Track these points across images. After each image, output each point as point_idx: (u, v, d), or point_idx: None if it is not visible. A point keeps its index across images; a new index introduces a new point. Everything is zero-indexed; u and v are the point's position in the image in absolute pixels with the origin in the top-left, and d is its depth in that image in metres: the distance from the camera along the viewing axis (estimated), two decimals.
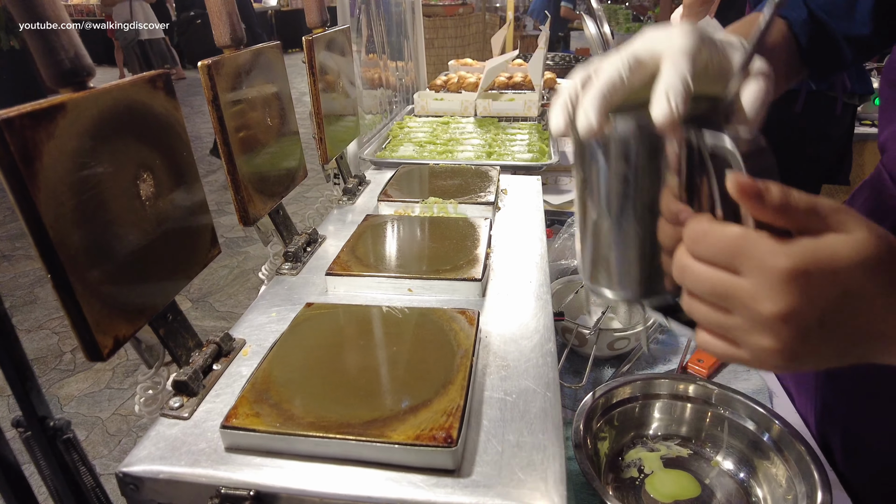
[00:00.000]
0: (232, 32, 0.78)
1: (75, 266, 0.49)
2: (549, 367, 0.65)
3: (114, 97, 0.55)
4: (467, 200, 1.06)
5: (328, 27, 1.06)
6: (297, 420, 0.54)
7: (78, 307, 0.50)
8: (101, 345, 0.52)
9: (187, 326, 0.65)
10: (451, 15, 5.25)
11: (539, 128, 1.67)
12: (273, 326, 0.74)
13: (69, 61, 0.50)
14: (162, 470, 0.53)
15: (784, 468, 0.72)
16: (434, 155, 1.44)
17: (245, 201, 0.78)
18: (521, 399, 0.60)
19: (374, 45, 1.82)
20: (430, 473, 0.51)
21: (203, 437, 0.56)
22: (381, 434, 0.52)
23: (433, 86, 2.22)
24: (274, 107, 0.87)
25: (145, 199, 0.59)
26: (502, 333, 0.71)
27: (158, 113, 0.61)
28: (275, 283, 0.85)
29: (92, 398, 2.55)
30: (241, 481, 0.51)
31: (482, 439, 0.55)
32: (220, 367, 0.66)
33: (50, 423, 0.48)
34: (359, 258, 0.85)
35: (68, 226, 0.49)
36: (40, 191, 0.46)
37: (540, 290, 0.81)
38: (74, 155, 0.50)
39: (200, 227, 0.68)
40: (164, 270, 0.61)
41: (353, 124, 1.22)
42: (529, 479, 0.51)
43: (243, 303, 3.29)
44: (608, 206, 0.48)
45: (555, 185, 1.55)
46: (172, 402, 0.60)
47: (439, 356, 0.62)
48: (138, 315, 0.57)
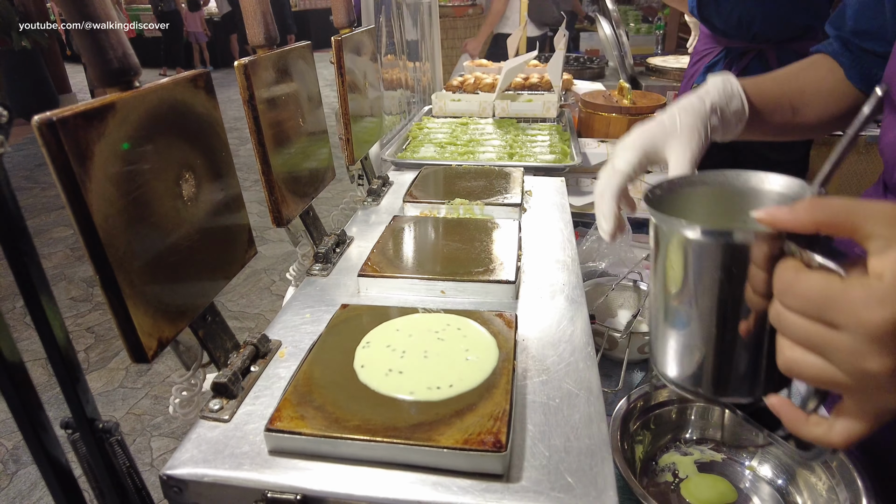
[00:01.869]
0: (266, 32, 0.77)
1: (123, 267, 0.49)
2: (589, 370, 0.65)
3: (159, 97, 0.54)
4: (493, 202, 1.05)
5: (354, 27, 1.06)
6: (343, 423, 0.53)
7: (125, 308, 0.49)
8: (147, 346, 0.52)
9: (225, 328, 0.65)
10: (460, 16, 5.25)
11: (559, 129, 1.67)
12: (308, 328, 0.73)
13: (117, 60, 0.50)
14: (207, 473, 0.52)
15: (825, 476, 0.71)
16: (455, 156, 1.44)
17: (279, 202, 0.77)
18: (565, 403, 0.60)
19: (393, 45, 1.81)
20: (478, 478, 0.51)
21: (245, 439, 0.56)
22: (429, 438, 0.51)
23: (449, 87, 2.22)
24: (305, 107, 0.87)
25: (187, 200, 0.58)
26: (539, 337, 0.71)
27: (199, 112, 0.61)
28: (306, 284, 0.85)
29: (106, 397, 2.56)
30: (287, 485, 0.51)
31: (528, 444, 0.55)
32: (257, 369, 0.65)
33: (99, 424, 0.47)
34: (389, 259, 0.85)
35: (116, 226, 0.48)
36: (91, 191, 0.46)
37: (574, 292, 0.81)
38: (123, 154, 0.49)
39: (238, 227, 0.67)
40: (204, 271, 0.61)
41: (377, 125, 1.22)
42: (579, 484, 0.50)
43: (255, 303, 3.29)
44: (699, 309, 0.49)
45: (576, 187, 1.54)
46: (212, 405, 0.60)
47: (481, 359, 0.61)
48: (180, 316, 0.57)
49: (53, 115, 0.42)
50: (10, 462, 2.20)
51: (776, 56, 1.80)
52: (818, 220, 0.39)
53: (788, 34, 1.78)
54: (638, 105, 1.78)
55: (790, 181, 0.53)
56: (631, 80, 2.82)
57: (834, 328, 0.37)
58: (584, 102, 1.89)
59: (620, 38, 2.62)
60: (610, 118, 1.79)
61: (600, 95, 1.95)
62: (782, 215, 0.40)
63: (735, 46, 1.85)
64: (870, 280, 0.36)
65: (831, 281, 0.38)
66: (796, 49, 1.82)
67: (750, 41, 1.82)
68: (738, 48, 1.85)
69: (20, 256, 0.41)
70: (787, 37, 1.79)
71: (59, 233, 4.19)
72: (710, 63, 1.91)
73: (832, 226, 0.39)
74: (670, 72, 2.79)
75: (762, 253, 0.43)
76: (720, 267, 0.47)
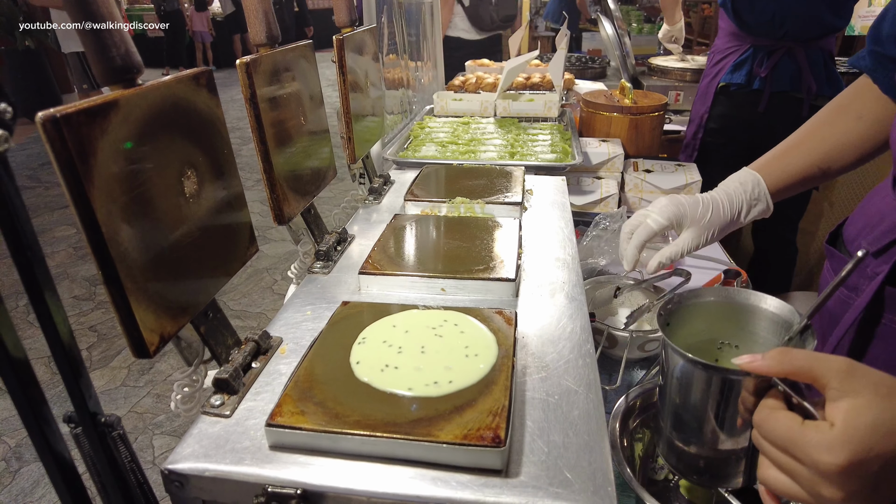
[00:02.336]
0: (267, 31, 0.78)
1: (125, 263, 0.49)
2: (589, 368, 0.65)
3: (161, 94, 0.55)
4: (494, 200, 1.06)
5: (356, 27, 1.06)
6: (343, 418, 0.54)
7: (127, 304, 0.50)
8: (148, 342, 0.52)
9: (227, 324, 0.65)
10: None
11: (560, 128, 1.67)
12: (309, 325, 0.74)
13: (120, 58, 0.50)
14: (208, 468, 0.53)
15: None
16: (457, 155, 1.44)
17: (280, 200, 0.78)
18: (564, 400, 0.60)
19: (394, 45, 1.82)
20: (477, 473, 0.51)
21: (246, 434, 0.56)
22: (428, 433, 0.52)
23: (451, 86, 2.22)
24: (306, 105, 0.88)
25: (189, 197, 0.59)
26: (539, 334, 0.71)
27: (201, 110, 0.61)
28: (307, 281, 0.85)
29: (108, 395, 2.56)
30: (287, 480, 0.51)
31: (527, 440, 0.55)
32: (258, 366, 0.66)
33: (101, 419, 0.48)
34: (390, 257, 0.85)
35: (119, 223, 0.49)
36: (94, 187, 0.46)
37: (573, 290, 0.81)
38: (125, 151, 0.50)
39: (240, 224, 0.68)
40: (206, 268, 0.61)
41: (378, 124, 1.22)
42: (578, 479, 0.51)
43: (257, 302, 3.30)
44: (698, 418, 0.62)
45: (577, 186, 1.54)
46: (213, 400, 0.60)
47: (480, 355, 0.62)
48: (182, 313, 0.58)
49: (57, 111, 0.43)
50: (13, 460, 2.21)
51: (805, 54, 1.80)
52: (786, 370, 0.49)
53: (816, 33, 1.79)
54: (639, 105, 1.78)
55: (783, 306, 0.67)
56: (632, 79, 2.82)
57: (797, 461, 0.47)
58: (586, 102, 1.89)
59: (622, 38, 2.62)
60: (611, 118, 1.80)
61: (601, 95, 1.95)
62: (757, 364, 0.51)
63: (762, 44, 1.85)
64: (824, 426, 0.46)
65: (794, 423, 0.47)
66: (822, 46, 1.81)
67: (778, 39, 1.82)
68: (765, 46, 1.84)
69: (24, 251, 0.42)
70: (815, 35, 1.79)
71: (61, 232, 4.21)
72: (738, 61, 1.89)
73: (797, 375, 0.49)
74: (672, 72, 2.79)
75: (749, 385, 0.55)
76: (716, 392, 0.60)
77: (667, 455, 0.69)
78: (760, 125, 1.92)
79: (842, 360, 0.48)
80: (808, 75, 1.81)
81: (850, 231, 0.86)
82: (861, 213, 0.85)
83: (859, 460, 0.44)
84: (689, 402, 0.63)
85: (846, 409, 0.45)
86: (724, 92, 1.95)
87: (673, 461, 0.68)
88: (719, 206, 0.93)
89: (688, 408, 0.64)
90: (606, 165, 1.62)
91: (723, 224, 0.93)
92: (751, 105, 1.91)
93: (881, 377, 0.47)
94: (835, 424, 0.45)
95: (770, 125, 1.90)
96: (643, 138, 1.81)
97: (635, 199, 1.62)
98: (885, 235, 0.76)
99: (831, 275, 0.87)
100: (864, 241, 0.80)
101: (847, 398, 0.46)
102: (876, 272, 0.76)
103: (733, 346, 0.72)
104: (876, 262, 0.77)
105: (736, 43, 1.92)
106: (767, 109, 1.89)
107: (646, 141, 1.82)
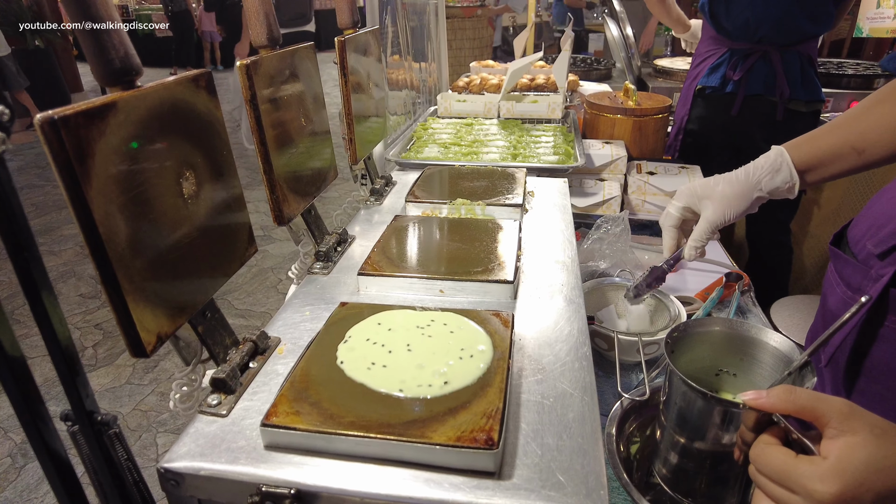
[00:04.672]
0: (269, 32, 0.78)
1: (123, 263, 0.50)
2: (585, 371, 0.65)
3: (160, 96, 0.55)
4: (495, 202, 1.06)
5: (358, 28, 1.07)
6: (337, 419, 0.54)
7: (124, 304, 0.50)
8: (146, 341, 0.53)
9: (225, 324, 0.66)
10: (469, 17, 5.25)
11: (563, 130, 1.67)
12: (307, 325, 0.74)
13: (119, 60, 0.51)
14: (203, 467, 0.53)
15: None
16: (459, 156, 1.44)
17: (280, 201, 0.78)
18: (559, 403, 0.60)
19: (398, 46, 1.82)
20: (470, 475, 0.51)
21: (242, 434, 0.57)
22: (422, 435, 0.52)
23: (455, 87, 2.22)
24: (307, 106, 0.88)
25: (187, 198, 0.59)
26: (536, 337, 0.71)
27: (200, 112, 0.62)
28: (307, 282, 0.85)
29: (113, 393, 2.58)
30: (281, 480, 0.52)
31: (521, 442, 0.55)
32: (256, 365, 0.66)
33: (97, 417, 0.48)
34: (390, 258, 0.85)
35: (117, 223, 0.49)
36: (92, 188, 0.47)
37: (572, 293, 0.81)
38: (124, 153, 0.50)
39: (238, 224, 0.68)
40: (204, 268, 0.62)
41: (381, 125, 1.23)
42: (570, 482, 0.51)
43: (261, 301, 3.31)
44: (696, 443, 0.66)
45: (580, 188, 1.54)
46: (210, 400, 0.61)
47: (476, 357, 0.62)
48: (180, 312, 0.58)
49: (55, 113, 0.43)
50: (18, 456, 2.23)
51: (780, 58, 1.80)
52: (789, 409, 0.52)
53: (793, 38, 1.80)
54: (643, 107, 1.78)
55: (784, 342, 0.69)
56: (637, 81, 2.81)
57: (792, 492, 0.49)
58: (590, 104, 1.88)
59: (628, 40, 2.61)
60: (615, 119, 1.79)
61: (605, 97, 1.95)
62: (763, 401, 0.53)
63: (739, 48, 1.85)
64: (818, 459, 0.49)
65: (788, 457, 0.50)
66: (800, 51, 1.81)
67: (755, 43, 1.82)
68: (741, 49, 1.85)
69: (21, 251, 0.42)
70: (792, 40, 1.79)
71: (69, 230, 4.24)
72: (714, 64, 1.91)
73: (800, 413, 0.52)
74: (677, 73, 2.78)
75: (749, 418, 0.57)
76: (716, 422, 0.62)
77: (662, 475, 0.71)
78: (735, 128, 1.95)
79: (843, 401, 0.51)
80: (782, 79, 1.82)
81: (854, 232, 0.86)
82: (867, 215, 0.85)
83: (852, 494, 0.46)
84: (689, 427, 0.66)
85: (841, 446, 0.48)
86: (701, 94, 1.98)
87: (668, 481, 0.71)
88: (731, 178, 0.90)
89: (686, 432, 0.67)
90: (609, 167, 1.62)
91: (739, 193, 0.89)
92: (724, 108, 1.93)
93: (877, 419, 0.50)
94: (828, 458, 0.48)
95: (744, 128, 1.92)
96: (647, 140, 1.81)
97: (639, 201, 1.62)
98: (890, 237, 0.75)
99: (835, 276, 0.86)
100: (869, 243, 0.80)
101: (844, 436, 0.49)
102: (880, 274, 0.75)
103: (731, 374, 0.75)
104: (881, 264, 0.76)
105: (714, 46, 1.93)
106: (741, 112, 1.91)
107: (649, 143, 1.82)
